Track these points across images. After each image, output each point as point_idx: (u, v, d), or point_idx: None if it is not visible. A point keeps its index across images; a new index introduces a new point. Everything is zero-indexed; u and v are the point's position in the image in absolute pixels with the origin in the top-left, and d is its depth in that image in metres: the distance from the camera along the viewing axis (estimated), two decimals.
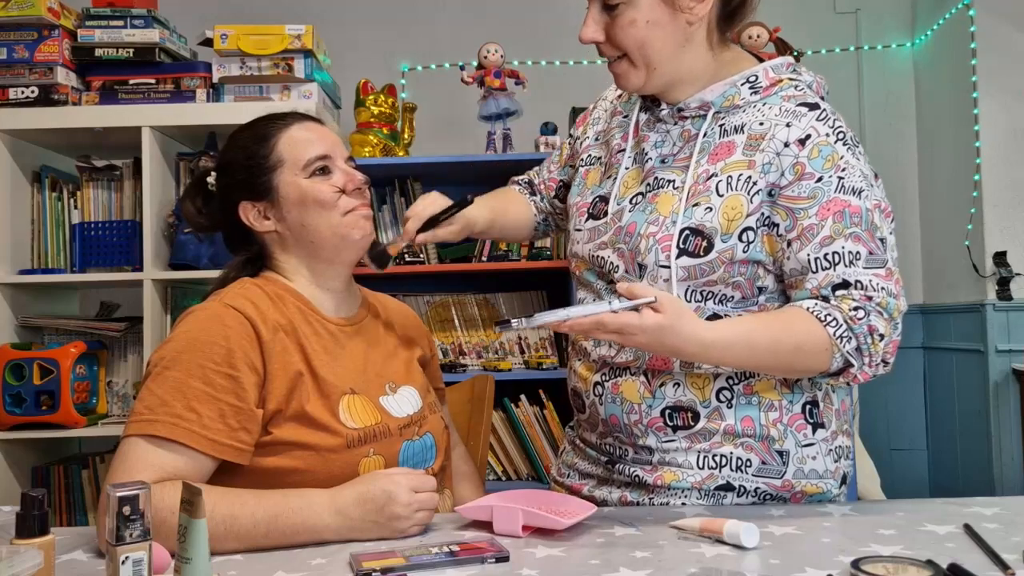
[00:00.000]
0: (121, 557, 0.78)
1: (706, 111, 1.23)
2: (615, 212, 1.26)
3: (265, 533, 1.03)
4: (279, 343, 1.16)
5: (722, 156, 1.20)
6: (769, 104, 1.21)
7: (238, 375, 1.10)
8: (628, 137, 1.30)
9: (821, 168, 1.15)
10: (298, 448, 1.13)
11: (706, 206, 1.18)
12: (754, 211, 1.17)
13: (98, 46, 2.39)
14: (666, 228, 1.19)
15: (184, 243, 2.40)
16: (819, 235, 1.14)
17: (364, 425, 1.18)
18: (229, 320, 1.14)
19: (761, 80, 1.22)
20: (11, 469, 2.38)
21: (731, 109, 1.22)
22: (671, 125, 1.26)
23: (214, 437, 1.07)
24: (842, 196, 1.14)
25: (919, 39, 3.50)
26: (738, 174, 1.18)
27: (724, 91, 1.22)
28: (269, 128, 1.27)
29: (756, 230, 1.17)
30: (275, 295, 1.22)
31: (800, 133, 1.17)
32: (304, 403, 1.15)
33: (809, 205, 1.15)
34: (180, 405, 1.07)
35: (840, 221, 1.14)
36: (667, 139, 1.26)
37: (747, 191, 1.17)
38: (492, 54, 2.69)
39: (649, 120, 1.29)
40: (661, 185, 1.23)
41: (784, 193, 1.16)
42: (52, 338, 2.51)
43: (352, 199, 1.25)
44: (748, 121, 1.20)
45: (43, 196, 2.50)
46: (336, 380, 1.19)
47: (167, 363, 1.10)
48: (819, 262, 1.14)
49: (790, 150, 1.16)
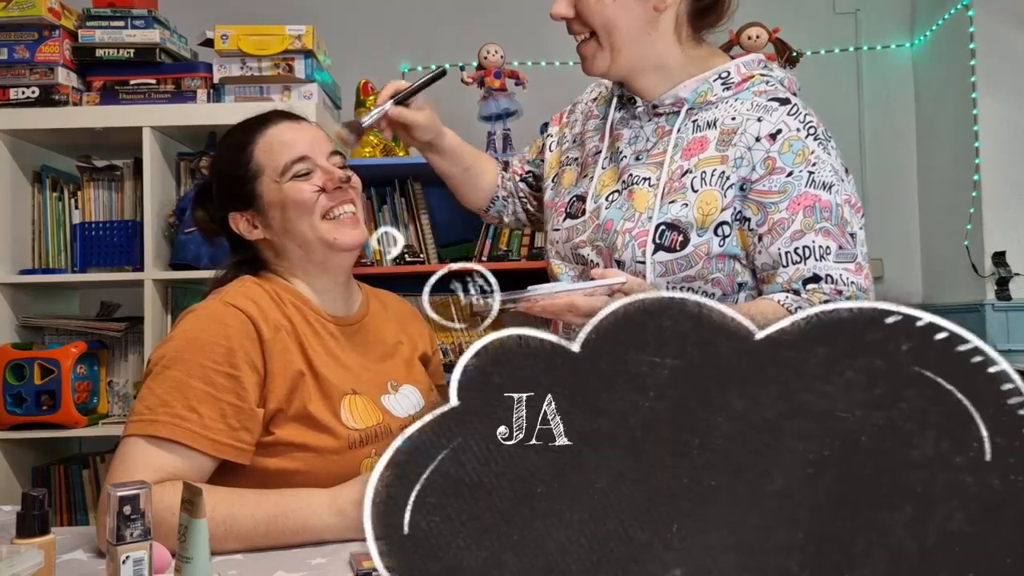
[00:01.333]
0: (122, 557, 0.78)
1: (680, 107, 1.24)
2: (592, 210, 1.27)
3: (265, 533, 1.03)
4: (280, 342, 1.15)
5: (695, 152, 1.21)
6: (741, 99, 1.22)
7: (239, 374, 1.10)
8: (604, 137, 1.31)
9: (792, 163, 1.16)
10: (299, 450, 1.13)
11: (682, 203, 1.19)
12: (728, 205, 1.18)
13: (99, 46, 2.39)
14: (642, 224, 1.20)
15: (185, 243, 2.40)
16: (789, 229, 1.15)
17: (366, 426, 1.18)
18: (229, 319, 1.13)
19: (733, 76, 1.24)
20: (11, 469, 2.38)
21: (704, 105, 1.23)
22: (645, 122, 1.27)
23: (215, 437, 1.07)
24: (812, 191, 1.15)
25: (918, 39, 3.50)
26: (711, 169, 1.19)
27: (697, 87, 1.23)
28: (246, 136, 1.26)
29: (731, 224, 1.18)
30: (275, 294, 1.21)
31: (771, 128, 1.17)
32: (306, 403, 1.14)
33: (780, 199, 1.15)
34: (180, 405, 1.07)
35: (811, 216, 1.15)
36: (640, 135, 1.27)
37: (721, 186, 1.18)
38: (492, 54, 2.69)
39: (624, 118, 1.30)
40: (636, 182, 1.23)
41: (755, 187, 1.16)
42: (53, 338, 2.51)
43: (330, 198, 1.22)
44: (720, 116, 1.22)
45: (44, 196, 2.50)
46: (337, 380, 1.18)
47: (167, 362, 1.10)
48: (789, 256, 1.15)
49: (761, 144, 1.17)
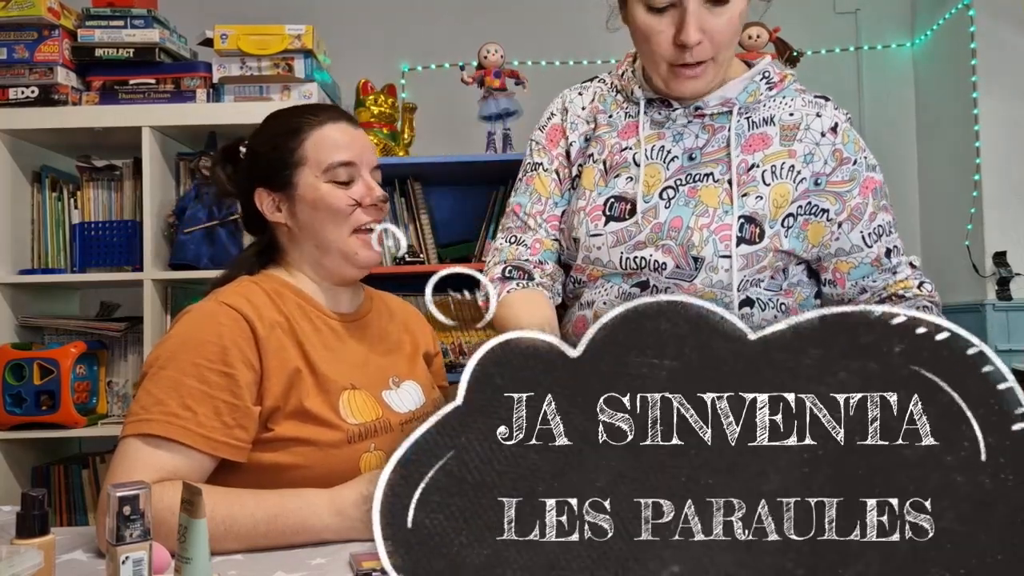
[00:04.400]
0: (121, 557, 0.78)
1: (729, 107, 1.25)
2: (646, 210, 1.24)
3: (264, 534, 1.03)
4: (276, 340, 1.15)
5: (758, 147, 1.24)
6: (787, 96, 1.27)
7: (233, 372, 1.10)
8: (635, 133, 1.28)
9: (854, 152, 1.25)
10: (298, 444, 1.13)
11: (756, 195, 1.21)
12: (797, 198, 1.22)
13: (98, 46, 2.40)
14: (719, 218, 1.20)
15: (184, 243, 2.40)
16: (866, 212, 1.26)
17: (365, 420, 1.17)
18: (223, 318, 1.13)
19: (773, 76, 1.28)
20: (11, 469, 2.39)
21: (753, 104, 1.26)
22: (687, 122, 1.27)
23: (210, 434, 1.07)
24: (870, 174, 1.26)
25: (919, 39, 3.50)
26: (780, 163, 1.23)
27: (745, 87, 1.26)
28: (301, 122, 1.24)
29: (797, 216, 1.23)
30: (274, 292, 1.21)
31: (829, 122, 1.25)
32: (303, 399, 1.14)
33: (852, 187, 1.24)
34: (175, 403, 1.07)
35: (876, 197, 1.26)
36: (687, 133, 1.26)
37: (792, 179, 1.22)
38: (492, 54, 2.68)
39: (657, 119, 1.28)
40: (698, 179, 1.23)
41: (830, 179, 1.24)
42: (52, 338, 2.51)
43: (366, 213, 1.23)
44: (776, 113, 1.26)
45: (43, 196, 2.50)
46: (336, 376, 1.18)
47: (162, 363, 1.10)
48: (872, 236, 1.27)
49: (827, 139, 1.24)
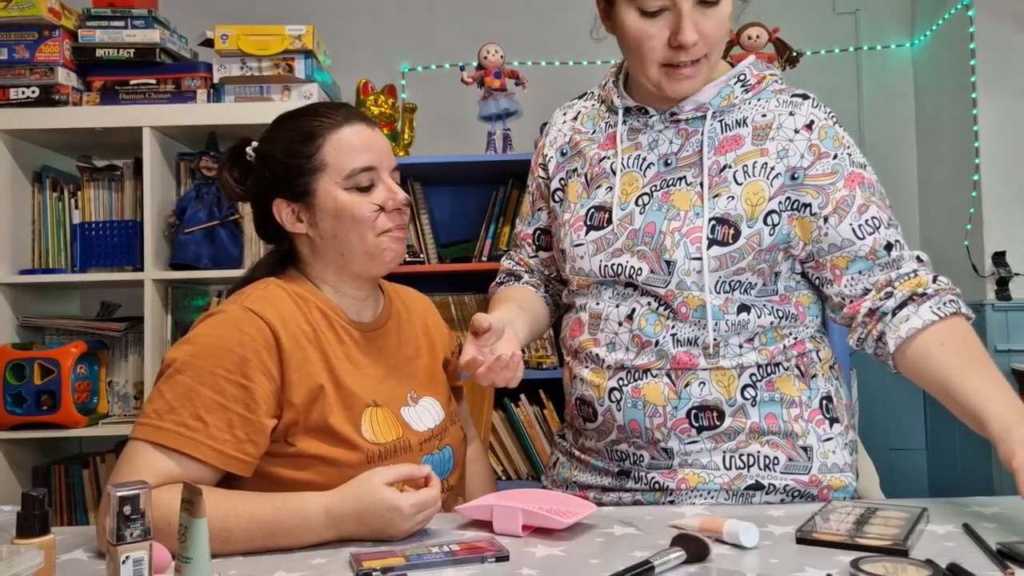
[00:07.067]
0: (122, 557, 0.79)
1: (703, 112, 1.25)
2: (622, 217, 1.25)
3: (261, 545, 1.03)
4: (300, 351, 1.13)
5: (730, 149, 1.23)
6: (763, 99, 1.26)
7: (250, 384, 1.08)
8: (614, 144, 1.29)
9: (832, 147, 1.23)
10: (319, 462, 1.12)
11: (727, 195, 1.20)
12: (775, 194, 1.21)
13: (99, 46, 2.39)
14: (690, 221, 1.20)
15: (185, 243, 2.40)
16: (855, 204, 1.21)
17: (386, 440, 1.16)
18: (246, 326, 1.11)
19: (750, 78, 1.26)
20: (12, 469, 2.38)
21: (727, 108, 1.25)
22: (662, 128, 1.27)
23: (220, 448, 1.06)
24: (856, 169, 1.23)
25: (918, 39, 3.50)
26: (752, 162, 1.22)
27: (719, 91, 1.25)
28: (316, 126, 1.19)
29: (780, 213, 1.21)
30: (299, 296, 1.18)
31: (804, 120, 1.23)
32: (327, 415, 1.12)
33: (835, 179, 1.22)
34: (187, 413, 1.06)
35: (865, 191, 1.22)
36: (661, 139, 1.27)
37: (766, 176, 1.21)
38: (492, 54, 2.69)
39: (634, 127, 1.29)
40: (672, 183, 1.24)
41: (809, 173, 1.21)
42: (53, 338, 2.51)
43: (389, 219, 1.20)
44: (749, 115, 1.25)
45: (44, 196, 2.50)
46: (360, 391, 1.16)
47: (179, 366, 1.09)
48: (863, 228, 1.21)
49: (800, 135, 1.22)
